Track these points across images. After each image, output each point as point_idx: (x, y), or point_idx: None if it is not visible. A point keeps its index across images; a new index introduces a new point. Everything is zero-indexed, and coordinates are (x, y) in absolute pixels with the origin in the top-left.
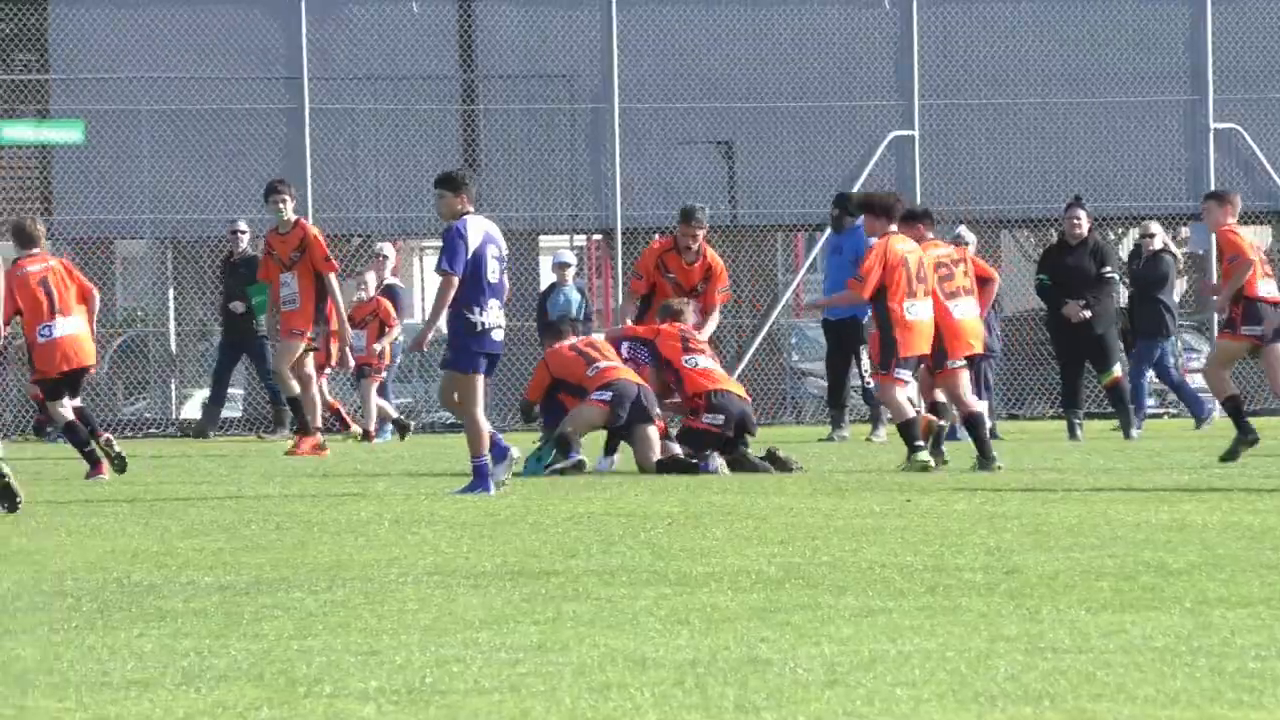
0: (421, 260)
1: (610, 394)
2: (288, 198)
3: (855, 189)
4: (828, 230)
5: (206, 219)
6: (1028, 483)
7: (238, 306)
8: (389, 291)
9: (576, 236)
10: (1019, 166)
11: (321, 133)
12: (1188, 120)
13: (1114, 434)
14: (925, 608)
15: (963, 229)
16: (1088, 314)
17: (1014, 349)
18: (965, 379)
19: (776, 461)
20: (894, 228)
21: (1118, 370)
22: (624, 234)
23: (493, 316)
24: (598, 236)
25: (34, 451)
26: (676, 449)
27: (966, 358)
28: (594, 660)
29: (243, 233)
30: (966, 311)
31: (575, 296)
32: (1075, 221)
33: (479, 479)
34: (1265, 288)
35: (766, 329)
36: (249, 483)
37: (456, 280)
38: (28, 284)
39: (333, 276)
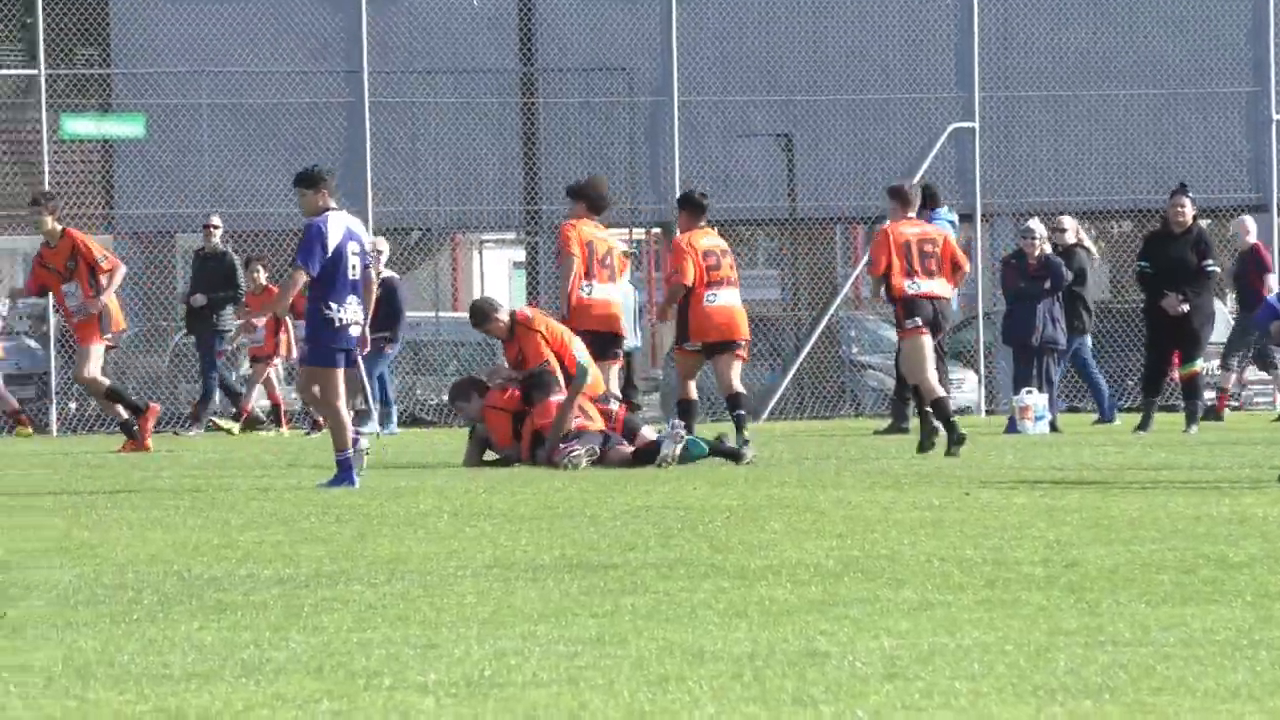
0: (481, 253)
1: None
2: (46, 213)
3: (914, 182)
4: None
5: (266, 212)
6: (1087, 476)
7: (198, 300)
8: (386, 284)
9: (635, 230)
10: (1079, 159)
11: (381, 126)
12: (1249, 112)
13: (1171, 428)
14: (984, 601)
15: (1033, 221)
16: (1186, 308)
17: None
18: (724, 363)
19: (724, 452)
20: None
21: (1199, 365)
22: None
23: (351, 312)
24: (656, 230)
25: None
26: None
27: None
28: (652, 653)
29: (216, 227)
30: (727, 300)
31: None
32: (1180, 209)
33: (343, 473)
34: None
35: (825, 321)
36: (309, 476)
37: (304, 277)
38: None
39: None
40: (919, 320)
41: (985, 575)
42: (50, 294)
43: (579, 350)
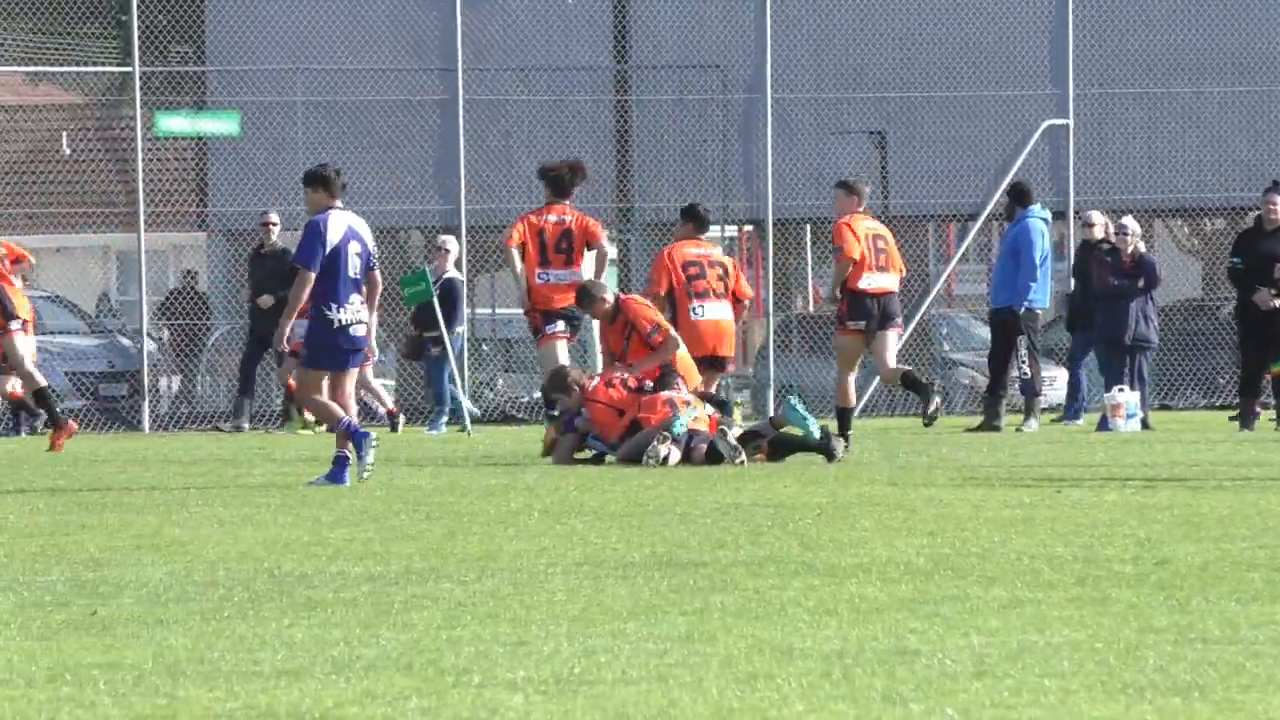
0: None
1: None
2: None
3: (1009, 179)
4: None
5: (359, 210)
6: (1179, 474)
7: (266, 300)
8: (448, 284)
9: (728, 227)
10: (1173, 156)
11: (475, 124)
12: None
13: (1253, 424)
14: (1074, 599)
15: (1128, 219)
16: (1278, 303)
17: (1167, 340)
18: (708, 380)
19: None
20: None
21: None
22: (775, 225)
23: (351, 312)
24: (749, 227)
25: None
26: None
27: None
28: (741, 651)
29: (274, 224)
30: (714, 314)
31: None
32: (1273, 206)
33: (337, 469)
34: None
35: (917, 319)
36: (399, 473)
37: (311, 275)
38: None
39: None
40: (862, 322)
41: (1075, 573)
42: None
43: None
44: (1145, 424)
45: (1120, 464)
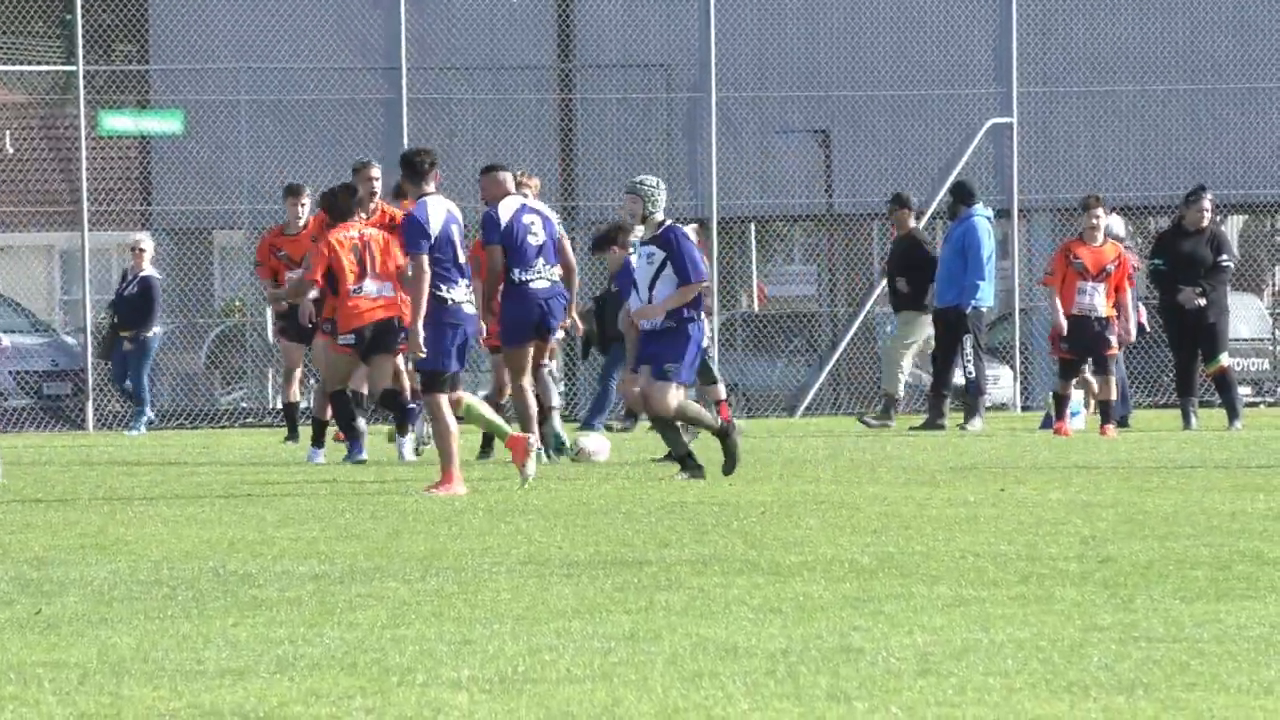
0: None
1: None
2: None
3: (952, 178)
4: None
5: None
6: (1123, 472)
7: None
8: (145, 283)
9: None
10: (1118, 154)
11: (419, 123)
12: None
13: (1211, 423)
14: (1018, 597)
15: (1114, 218)
16: (1203, 301)
17: None
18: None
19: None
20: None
21: (1225, 359)
22: (720, 223)
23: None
24: (693, 225)
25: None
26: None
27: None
28: (686, 649)
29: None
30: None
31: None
32: (1204, 211)
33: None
34: None
35: (861, 317)
36: (344, 472)
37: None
38: None
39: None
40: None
41: (1020, 571)
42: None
43: None
44: (1124, 422)
45: (1065, 463)
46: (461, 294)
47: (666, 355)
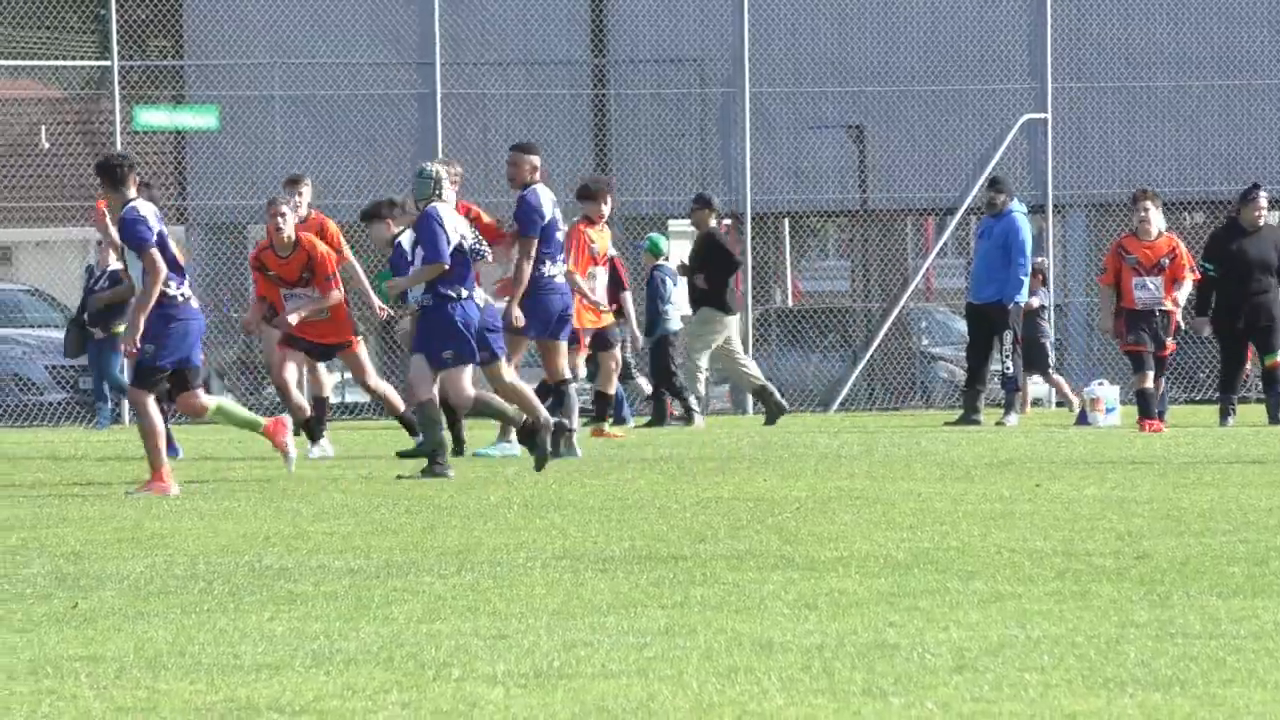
0: None
1: None
2: None
3: (986, 173)
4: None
5: (339, 204)
6: (1159, 468)
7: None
8: (114, 278)
9: None
10: (1152, 150)
11: (453, 118)
12: None
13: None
14: (1054, 593)
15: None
16: (1207, 331)
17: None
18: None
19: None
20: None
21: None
22: (754, 218)
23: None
24: (727, 220)
25: None
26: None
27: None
28: (721, 644)
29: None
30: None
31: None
32: (1260, 210)
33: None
34: None
35: (896, 313)
36: (379, 466)
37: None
38: None
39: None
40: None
41: (1056, 567)
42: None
43: None
44: (1161, 416)
45: (1101, 458)
46: (188, 290)
47: (435, 344)
